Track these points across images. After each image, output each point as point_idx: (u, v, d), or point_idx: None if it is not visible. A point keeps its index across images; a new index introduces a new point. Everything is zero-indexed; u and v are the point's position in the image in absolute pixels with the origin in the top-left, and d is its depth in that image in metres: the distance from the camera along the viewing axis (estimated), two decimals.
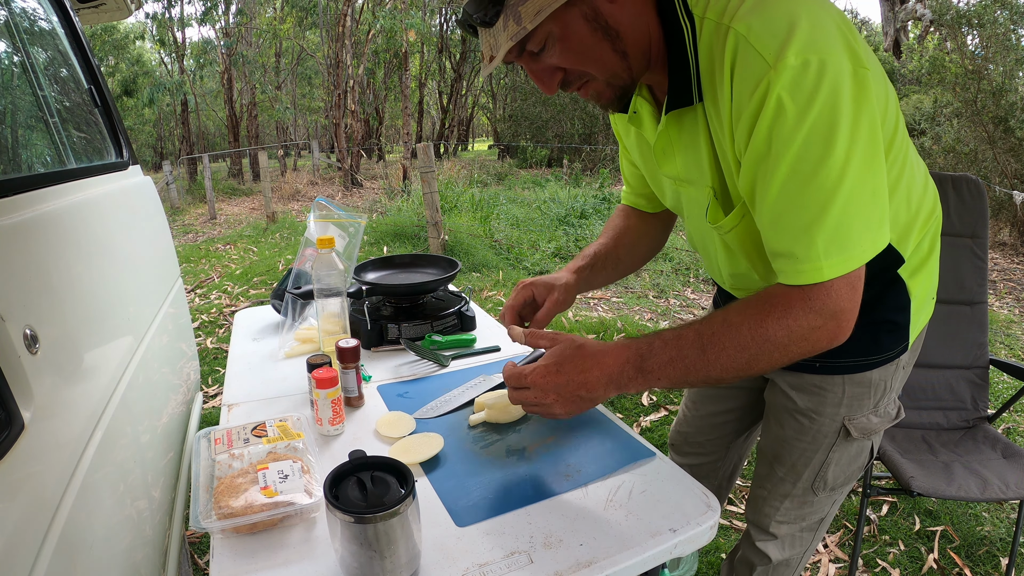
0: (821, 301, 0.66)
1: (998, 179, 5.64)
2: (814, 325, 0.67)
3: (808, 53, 0.60)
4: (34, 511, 0.55)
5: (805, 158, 0.62)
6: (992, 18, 5.63)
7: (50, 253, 0.76)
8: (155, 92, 14.24)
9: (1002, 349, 3.16)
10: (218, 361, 3.13)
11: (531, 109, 14.80)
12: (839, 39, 0.62)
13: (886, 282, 0.82)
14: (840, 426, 0.92)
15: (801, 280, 0.67)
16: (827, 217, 0.63)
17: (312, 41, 16.84)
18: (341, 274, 1.05)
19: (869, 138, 0.63)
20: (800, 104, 0.60)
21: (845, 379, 0.89)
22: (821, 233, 0.64)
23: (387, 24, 10.87)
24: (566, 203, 7.07)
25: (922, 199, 0.82)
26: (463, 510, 0.74)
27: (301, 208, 9.76)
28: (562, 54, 0.70)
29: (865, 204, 0.64)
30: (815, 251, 0.65)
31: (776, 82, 0.60)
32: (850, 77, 0.61)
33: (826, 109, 0.60)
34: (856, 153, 0.62)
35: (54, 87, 1.23)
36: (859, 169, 0.62)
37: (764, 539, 1.05)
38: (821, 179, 0.62)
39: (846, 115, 0.61)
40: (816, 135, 0.61)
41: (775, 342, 0.68)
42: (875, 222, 0.65)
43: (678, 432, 1.29)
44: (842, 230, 0.64)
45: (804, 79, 0.60)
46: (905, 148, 0.76)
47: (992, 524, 1.77)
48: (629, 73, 0.73)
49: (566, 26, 0.68)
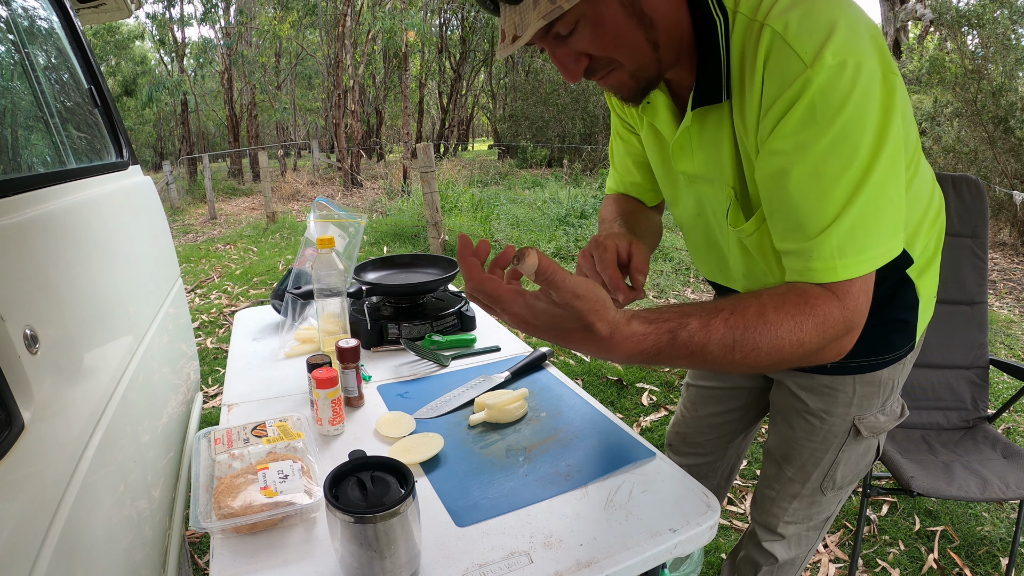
0: (851, 306, 0.65)
1: (998, 179, 5.64)
2: (838, 333, 0.65)
3: (846, 54, 0.59)
4: (34, 511, 0.55)
5: (831, 158, 0.62)
6: (992, 18, 5.63)
7: (50, 253, 0.76)
8: (154, 91, 14.24)
9: (1002, 349, 3.16)
10: (218, 361, 3.13)
11: (531, 109, 14.79)
12: (871, 43, 0.62)
13: (896, 282, 0.82)
14: (851, 426, 0.92)
15: (815, 279, 0.65)
16: (846, 217, 0.62)
17: (312, 41, 16.84)
18: (341, 274, 1.05)
19: (894, 143, 0.62)
20: (834, 104, 0.60)
21: (856, 379, 0.90)
22: (837, 233, 0.63)
23: (387, 24, 10.87)
24: (566, 203, 7.07)
25: (930, 200, 0.82)
26: (463, 510, 0.74)
27: (301, 208, 9.76)
28: (592, 39, 0.66)
29: (885, 208, 0.63)
30: (829, 250, 0.63)
31: (813, 81, 0.60)
32: (881, 81, 0.61)
33: (859, 111, 0.60)
34: (882, 157, 0.61)
35: (54, 87, 1.23)
36: (883, 173, 0.62)
37: (771, 539, 1.05)
38: (845, 180, 0.62)
39: (876, 118, 0.61)
40: (846, 136, 0.61)
41: (808, 347, 0.63)
42: (893, 227, 0.64)
43: (676, 432, 1.28)
44: (860, 232, 0.63)
45: (840, 80, 0.60)
46: (917, 149, 0.76)
47: (992, 524, 1.77)
48: (658, 65, 0.70)
49: (601, 9, 0.64)
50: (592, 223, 6.30)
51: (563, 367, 2.85)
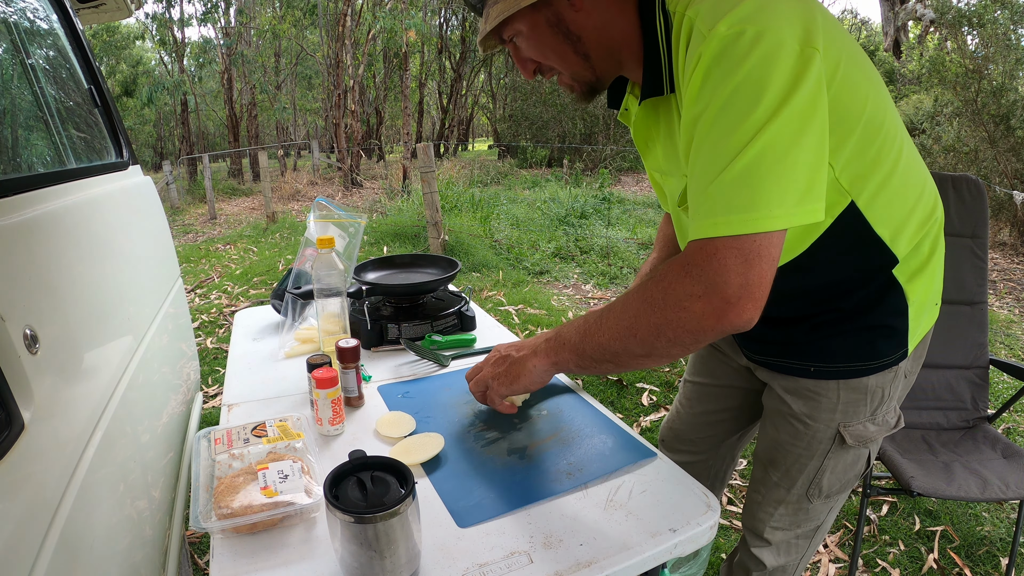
0: (700, 266, 0.63)
1: (998, 179, 5.64)
2: (690, 292, 0.64)
3: (744, 24, 0.61)
4: (34, 511, 0.55)
5: (723, 118, 0.62)
6: (992, 18, 5.62)
7: (50, 253, 0.76)
8: (154, 91, 14.23)
9: (1002, 349, 3.16)
10: (218, 361, 3.13)
11: (531, 109, 14.78)
12: (793, 19, 0.62)
13: (881, 285, 0.80)
14: (835, 432, 0.90)
15: (690, 237, 0.65)
16: (727, 174, 0.61)
17: (312, 41, 16.84)
18: (341, 274, 1.05)
19: (803, 112, 0.61)
20: (726, 68, 0.61)
21: (840, 384, 0.87)
22: (719, 189, 0.62)
23: (387, 24, 10.87)
24: (566, 203, 7.07)
25: (919, 198, 0.80)
26: (464, 510, 0.74)
27: (301, 208, 9.76)
28: (528, 48, 0.79)
29: (781, 171, 0.61)
30: (707, 207, 0.63)
31: (706, 51, 0.62)
32: (793, 54, 0.61)
33: (754, 74, 0.60)
34: (780, 121, 0.60)
35: (54, 87, 1.23)
36: (780, 136, 0.60)
37: (759, 545, 1.04)
38: (734, 138, 0.61)
39: (777, 84, 0.60)
40: (739, 97, 0.61)
41: (651, 302, 0.67)
42: (792, 194, 0.61)
43: (670, 428, 1.28)
44: (741, 190, 0.61)
45: (735, 46, 0.61)
46: (898, 143, 0.75)
47: (992, 524, 1.77)
48: (592, 73, 0.80)
49: (531, 27, 0.76)
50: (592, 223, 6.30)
51: None
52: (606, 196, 6.28)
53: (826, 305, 0.83)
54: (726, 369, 1.12)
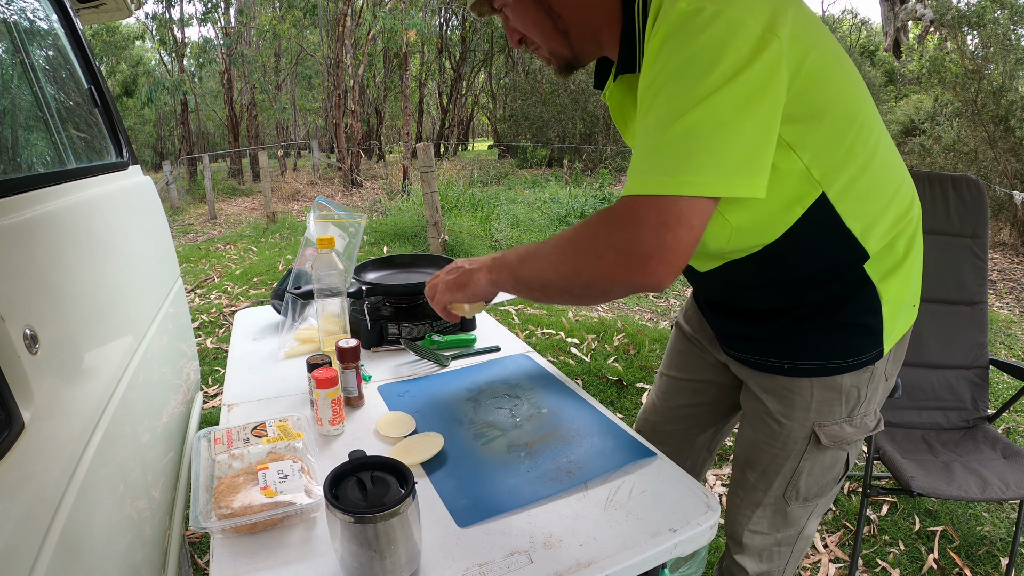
0: (620, 220, 0.65)
1: (998, 179, 5.64)
2: (607, 242, 0.66)
3: (704, 3, 0.61)
4: (34, 511, 0.55)
5: (672, 84, 0.63)
6: (992, 18, 5.63)
7: (50, 253, 0.76)
8: (153, 91, 14.24)
9: (1002, 349, 3.16)
10: (218, 361, 3.13)
11: (531, 109, 14.79)
12: (759, 7, 0.62)
13: (853, 281, 0.80)
14: (810, 432, 0.89)
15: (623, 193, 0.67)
16: (664, 136, 0.63)
17: (312, 41, 16.84)
18: (341, 274, 1.05)
19: (753, 89, 0.61)
20: (682, 39, 0.62)
21: (813, 382, 0.87)
22: (654, 149, 0.64)
23: (387, 24, 10.87)
24: (566, 203, 7.07)
25: (894, 196, 0.79)
26: (464, 510, 0.74)
27: (301, 208, 9.76)
28: (514, 20, 0.82)
29: (717, 141, 0.61)
30: (641, 165, 0.65)
31: (664, 25, 0.63)
32: (752, 36, 0.61)
33: (709, 45, 0.61)
34: (726, 92, 0.60)
35: (54, 87, 1.23)
36: (723, 106, 0.61)
37: (739, 550, 1.03)
38: (677, 103, 0.62)
39: (730, 59, 0.61)
40: (691, 66, 0.62)
41: (575, 244, 0.71)
42: (725, 165, 0.62)
43: (645, 420, 1.28)
44: (673, 154, 0.62)
45: (693, 20, 0.62)
46: (874, 140, 0.75)
47: (992, 524, 1.77)
48: (570, 50, 0.83)
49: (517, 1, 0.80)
50: None
51: (563, 367, 2.85)
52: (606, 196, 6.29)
53: (801, 299, 0.83)
54: (703, 364, 1.13)
